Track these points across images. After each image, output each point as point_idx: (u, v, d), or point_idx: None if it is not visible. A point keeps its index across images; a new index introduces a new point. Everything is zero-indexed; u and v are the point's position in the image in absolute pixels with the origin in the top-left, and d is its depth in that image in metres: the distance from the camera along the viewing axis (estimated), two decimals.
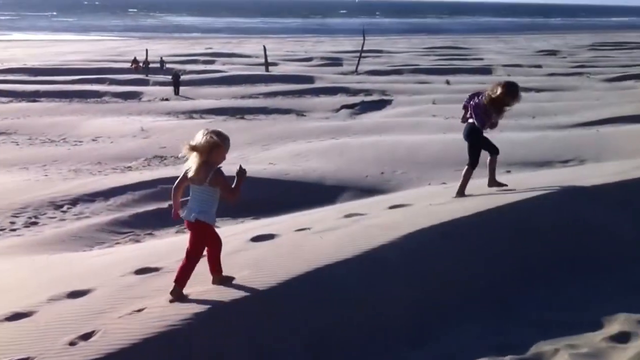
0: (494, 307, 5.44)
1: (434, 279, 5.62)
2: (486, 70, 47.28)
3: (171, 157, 20.04)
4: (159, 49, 62.30)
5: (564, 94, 33.16)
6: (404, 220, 6.69)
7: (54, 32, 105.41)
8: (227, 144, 4.90)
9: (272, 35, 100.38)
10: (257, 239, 6.68)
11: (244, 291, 4.99)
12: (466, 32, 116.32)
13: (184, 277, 4.97)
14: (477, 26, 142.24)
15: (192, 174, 4.86)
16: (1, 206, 13.69)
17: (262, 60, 49.48)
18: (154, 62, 47.14)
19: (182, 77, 39.06)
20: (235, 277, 5.20)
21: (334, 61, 55.05)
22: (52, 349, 4.52)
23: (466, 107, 7.52)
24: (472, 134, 7.45)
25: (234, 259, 5.74)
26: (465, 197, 7.51)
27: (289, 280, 5.15)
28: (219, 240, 5.10)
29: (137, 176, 15.80)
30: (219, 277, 5.15)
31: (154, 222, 12.49)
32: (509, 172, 13.09)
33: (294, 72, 45.94)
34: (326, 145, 18.91)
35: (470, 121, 7.45)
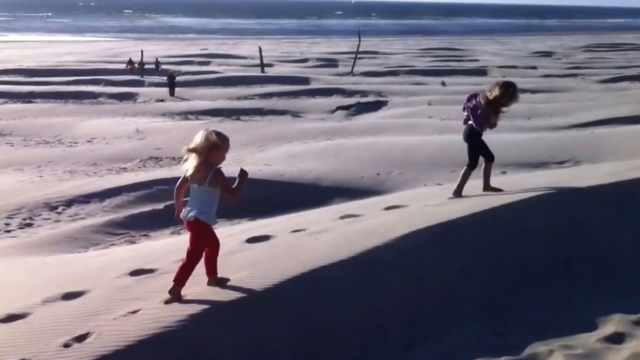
0: (489, 308, 5.45)
1: (430, 280, 5.62)
2: (481, 71, 47.37)
3: (166, 158, 20.02)
4: (155, 50, 62.24)
5: (560, 95, 33.25)
6: (399, 221, 6.69)
7: (49, 33, 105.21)
8: (227, 145, 4.93)
9: (267, 36, 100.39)
10: (252, 240, 6.67)
11: (240, 292, 4.99)
12: (462, 33, 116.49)
13: (183, 276, 4.97)
14: (472, 27, 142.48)
15: (192, 173, 4.89)
16: None
17: (257, 61, 49.47)
18: (149, 63, 47.06)
19: (178, 78, 39.03)
20: (230, 279, 5.20)
21: (330, 62, 55.10)
22: (46, 350, 4.51)
23: (465, 109, 7.52)
24: (471, 136, 7.45)
25: (229, 260, 5.73)
26: (461, 197, 7.52)
27: (284, 281, 5.15)
28: (217, 242, 5.12)
29: (132, 177, 15.78)
30: (214, 279, 5.16)
31: (149, 223, 12.47)
32: (504, 173, 13.11)
33: (290, 73, 45.94)
34: (322, 146, 18.91)
35: (469, 123, 7.45)
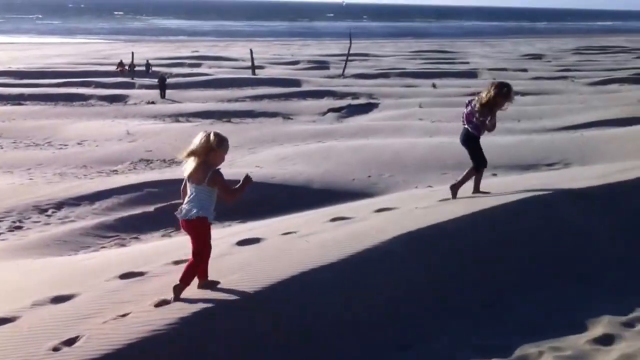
0: (480, 310, 5.46)
1: (420, 282, 5.63)
2: (472, 74, 47.46)
3: (157, 160, 19.96)
4: (145, 52, 62.04)
5: (549, 97, 33.34)
6: (390, 223, 6.70)
7: (39, 34, 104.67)
8: (226, 146, 5.01)
9: (258, 38, 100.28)
10: (243, 242, 6.67)
11: (230, 295, 4.99)
12: (452, 35, 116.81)
13: (189, 276, 5.01)
14: (463, 30, 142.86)
15: (190, 173, 4.97)
16: None
17: (248, 63, 49.38)
18: (140, 65, 46.92)
19: (168, 80, 38.93)
20: (220, 282, 5.20)
21: (321, 64, 55.09)
22: (35, 354, 4.49)
23: (463, 115, 7.53)
24: (468, 140, 7.47)
25: (219, 263, 5.73)
26: (450, 200, 7.55)
27: (274, 284, 5.15)
28: (209, 245, 5.13)
29: (122, 180, 15.70)
30: (204, 282, 5.16)
31: (139, 226, 12.42)
32: (495, 175, 13.14)
33: (281, 76, 45.91)
34: (313, 148, 18.91)
35: (465, 127, 7.46)
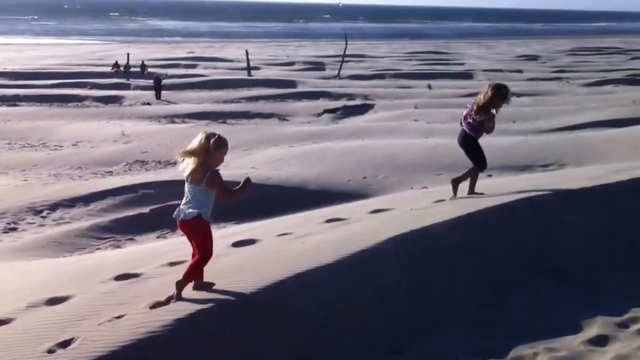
0: (475, 311, 5.47)
1: (415, 283, 5.64)
2: (467, 75, 47.53)
3: (152, 161, 19.93)
4: (141, 52, 61.96)
5: (544, 98, 33.40)
6: (385, 224, 6.71)
7: (35, 35, 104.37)
8: (224, 148, 5.03)
9: (254, 39, 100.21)
10: (238, 244, 6.67)
11: (225, 297, 4.98)
12: (448, 37, 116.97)
13: (193, 272, 5.03)
14: (459, 31, 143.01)
15: (189, 174, 4.98)
16: None
17: (244, 64, 49.36)
18: (135, 66, 46.85)
19: (164, 81, 38.89)
20: (215, 283, 5.19)
21: (317, 65, 55.11)
22: (30, 356, 4.48)
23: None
24: (466, 141, 7.48)
25: (215, 264, 5.70)
26: (445, 201, 7.57)
27: (270, 285, 5.15)
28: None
29: (118, 181, 15.68)
30: (199, 283, 5.15)
31: (134, 227, 12.41)
32: (490, 176, 13.15)
33: (276, 77, 45.91)
34: (308, 149, 18.91)
35: (462, 128, 7.48)
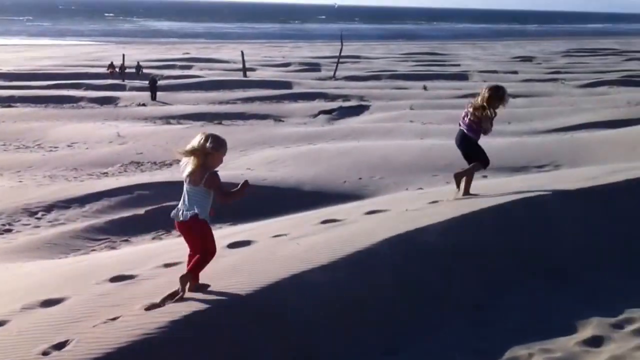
0: (470, 312, 5.48)
1: (410, 284, 5.64)
2: (463, 76, 47.64)
3: (148, 163, 19.92)
4: (136, 53, 61.88)
5: (540, 99, 33.51)
6: (380, 225, 6.71)
7: (30, 36, 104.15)
8: (223, 148, 5.01)
9: (250, 40, 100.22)
10: (233, 245, 6.66)
11: (221, 298, 4.97)
12: (444, 38, 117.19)
13: (197, 268, 5.04)
14: (454, 32, 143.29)
15: (188, 174, 4.97)
16: None
17: (239, 65, 49.36)
18: (131, 67, 46.79)
19: (159, 83, 38.85)
20: (210, 285, 5.18)
21: (312, 67, 55.14)
22: (25, 358, 4.46)
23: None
24: (464, 142, 7.50)
25: (210, 266, 5.69)
26: (440, 201, 7.59)
27: (265, 287, 5.15)
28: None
29: (113, 182, 15.66)
30: (194, 284, 5.14)
31: (130, 228, 12.40)
32: (485, 177, 13.17)
33: (272, 78, 45.93)
34: (304, 150, 18.92)
35: (460, 128, 7.49)
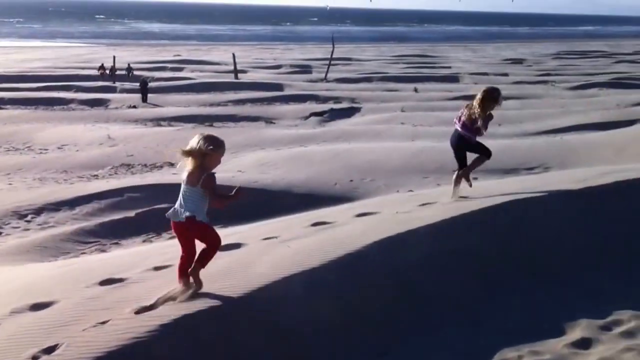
0: (459, 314, 5.50)
1: (399, 287, 5.66)
2: (454, 78, 47.80)
3: (138, 165, 19.86)
4: (127, 55, 61.75)
5: (530, 101, 33.65)
6: (371, 228, 6.72)
7: (20, 38, 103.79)
8: (221, 149, 5.03)
9: (241, 42, 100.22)
10: (224, 248, 6.63)
11: (211, 301, 4.97)
12: (435, 40, 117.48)
13: (205, 259, 5.09)
14: (445, 35, 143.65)
15: (186, 175, 5.00)
16: None
17: (231, 67, 49.34)
18: (121, 69, 46.67)
19: (150, 84, 38.77)
20: (201, 286, 5.19)
21: (304, 69, 55.17)
22: None
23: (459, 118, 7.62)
24: (459, 142, 7.62)
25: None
26: (430, 204, 7.62)
27: (255, 289, 5.15)
28: (195, 250, 5.14)
29: (103, 184, 15.61)
30: (188, 281, 5.14)
31: (120, 231, 12.36)
32: (475, 179, 13.16)
33: (263, 80, 45.92)
34: (295, 152, 18.93)
35: (456, 128, 7.56)
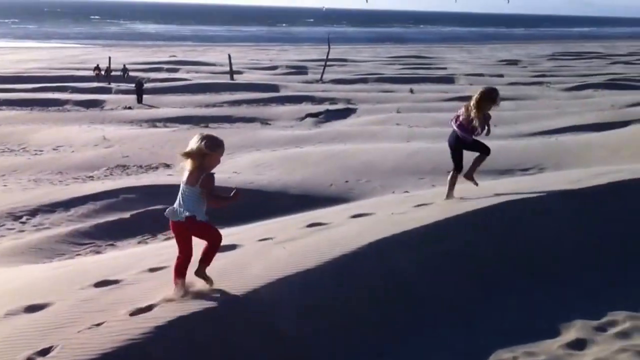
0: (455, 315, 5.50)
1: (395, 288, 5.67)
2: (449, 79, 47.88)
3: (134, 166, 19.85)
4: (122, 56, 61.69)
5: (525, 102, 33.72)
6: (366, 229, 6.73)
7: (15, 39, 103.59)
8: (220, 149, 5.03)
9: (237, 43, 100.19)
10: (219, 249, 6.63)
11: (206, 303, 4.96)
12: (430, 41, 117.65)
13: (208, 257, 5.16)
14: (441, 36, 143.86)
15: (186, 176, 5.02)
16: None
17: (226, 68, 49.32)
18: (117, 70, 46.62)
19: (146, 85, 38.75)
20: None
21: (299, 70, 55.20)
22: None
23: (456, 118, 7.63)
24: (456, 142, 7.61)
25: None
26: (425, 205, 7.63)
27: (251, 291, 5.14)
28: (192, 252, 5.16)
29: (98, 186, 15.59)
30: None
31: (115, 232, 12.35)
32: None
33: (259, 81, 45.93)
34: (291, 154, 18.94)
35: (455, 129, 7.57)
